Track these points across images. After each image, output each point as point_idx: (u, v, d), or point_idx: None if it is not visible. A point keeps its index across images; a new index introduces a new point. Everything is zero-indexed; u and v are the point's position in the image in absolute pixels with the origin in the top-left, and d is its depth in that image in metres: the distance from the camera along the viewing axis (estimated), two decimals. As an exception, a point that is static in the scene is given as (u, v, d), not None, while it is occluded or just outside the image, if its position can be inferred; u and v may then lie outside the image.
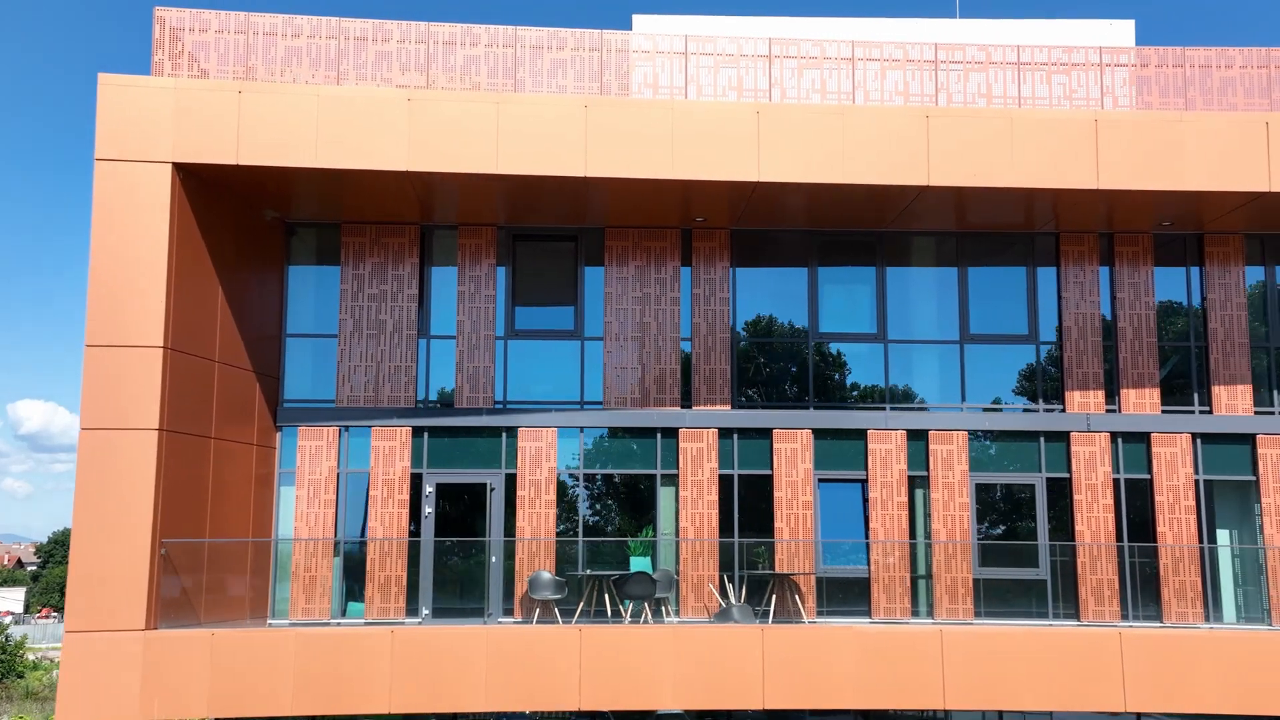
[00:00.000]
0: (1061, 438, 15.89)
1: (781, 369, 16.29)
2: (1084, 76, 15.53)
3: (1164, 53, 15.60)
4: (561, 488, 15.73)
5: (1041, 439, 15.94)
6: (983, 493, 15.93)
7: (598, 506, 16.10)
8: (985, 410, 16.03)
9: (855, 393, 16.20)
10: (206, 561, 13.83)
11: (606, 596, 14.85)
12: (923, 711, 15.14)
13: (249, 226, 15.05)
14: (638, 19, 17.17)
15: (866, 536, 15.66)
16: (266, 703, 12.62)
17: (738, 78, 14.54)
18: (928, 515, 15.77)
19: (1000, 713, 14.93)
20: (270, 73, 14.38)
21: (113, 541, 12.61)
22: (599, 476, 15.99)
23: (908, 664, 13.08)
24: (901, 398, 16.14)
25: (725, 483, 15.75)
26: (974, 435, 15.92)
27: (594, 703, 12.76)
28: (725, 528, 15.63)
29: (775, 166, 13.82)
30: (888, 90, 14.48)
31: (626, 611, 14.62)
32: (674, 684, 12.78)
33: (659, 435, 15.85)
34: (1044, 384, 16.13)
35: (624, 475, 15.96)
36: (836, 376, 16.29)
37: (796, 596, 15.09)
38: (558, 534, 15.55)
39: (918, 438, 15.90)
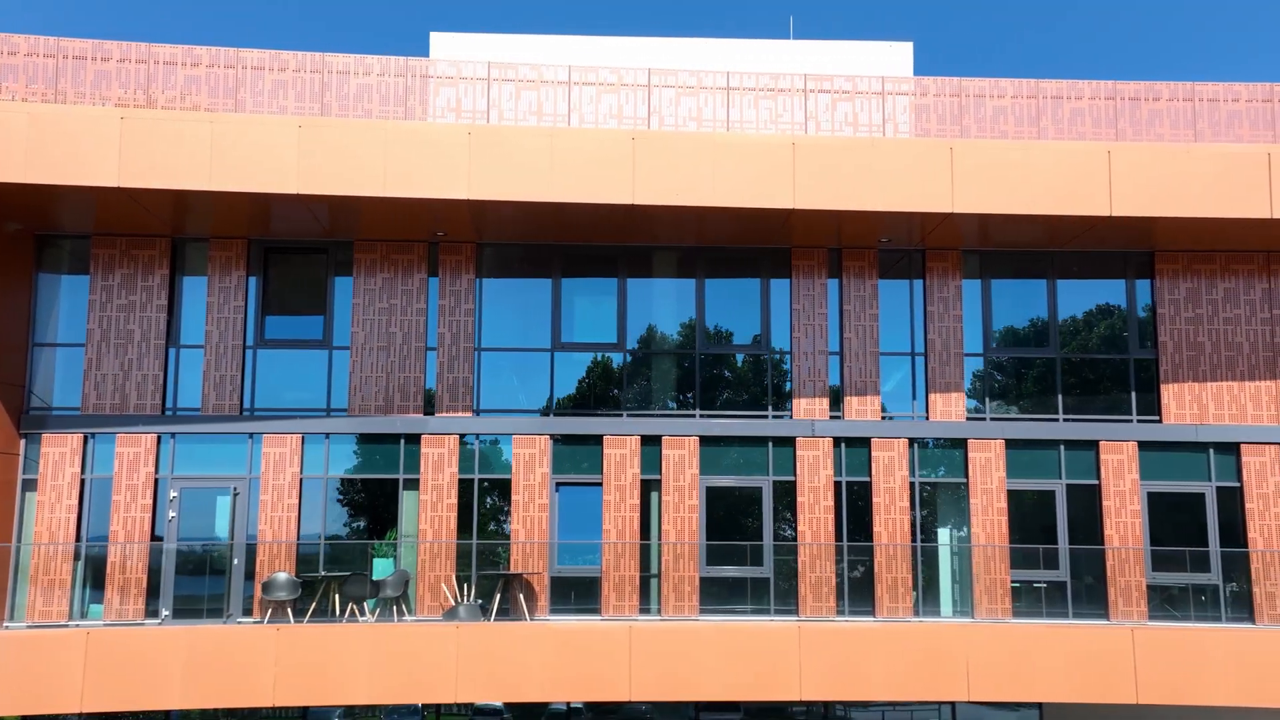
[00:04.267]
0: (788, 443, 16.75)
1: (525, 377, 16.95)
2: (866, 103, 16.39)
3: (929, 82, 16.51)
4: (307, 492, 16.25)
5: (770, 443, 16.78)
6: (713, 495, 16.72)
7: (344, 510, 16.66)
8: (719, 417, 16.82)
9: (595, 399, 16.92)
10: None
11: (336, 596, 15.43)
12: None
13: (-11, 239, 15.42)
14: (436, 37, 17.84)
15: (600, 538, 16.38)
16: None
17: (457, 98, 15.17)
18: (660, 517, 16.53)
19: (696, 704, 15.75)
20: None
21: None
22: (344, 481, 16.56)
23: (594, 658, 13.81)
24: (639, 405, 16.88)
25: (466, 487, 16.39)
26: (705, 440, 16.71)
27: (288, 699, 13.34)
28: (465, 530, 16.28)
29: (485, 186, 14.50)
30: (602, 113, 15.20)
31: (367, 611, 15.21)
32: (369, 681, 13.39)
33: (402, 441, 16.46)
34: (774, 391, 16.97)
35: (368, 479, 16.55)
36: (578, 383, 17.00)
37: (522, 595, 15.77)
38: (304, 537, 16.09)
39: (652, 443, 16.65)
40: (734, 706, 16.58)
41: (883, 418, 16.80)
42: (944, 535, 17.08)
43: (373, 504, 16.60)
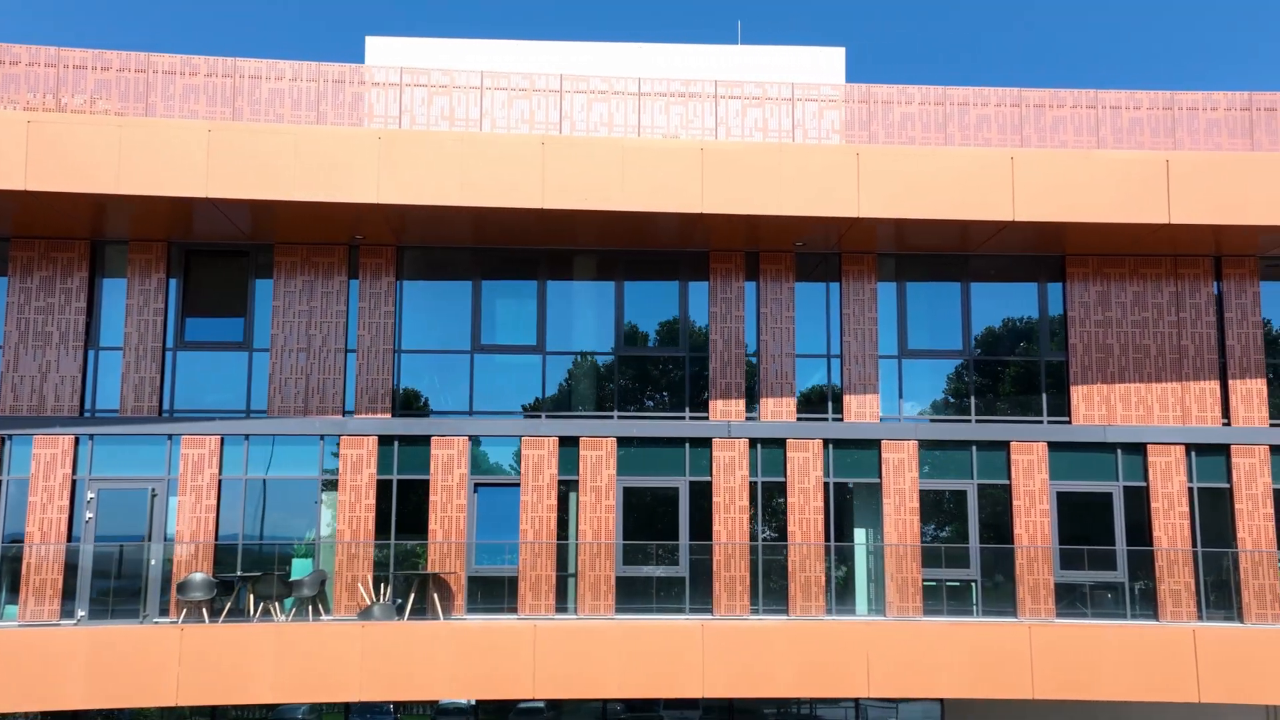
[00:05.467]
0: (705, 444, 16.96)
1: (445, 379, 17.11)
2: (776, 109, 16.62)
3: (838, 89, 16.76)
4: (226, 493, 16.37)
5: (687, 445, 16.99)
6: (630, 495, 16.92)
7: (264, 510, 16.77)
8: (635, 418, 17.01)
9: (514, 401, 17.10)
10: None
11: (250, 596, 15.55)
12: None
13: (-98, 241, 15.48)
14: (371, 41, 17.99)
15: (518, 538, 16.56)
16: None
17: (370, 103, 15.33)
18: (577, 517, 16.72)
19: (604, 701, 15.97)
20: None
21: None
22: (263, 481, 16.68)
23: (500, 656, 13.99)
24: (558, 406, 17.07)
25: (384, 487, 16.54)
26: (623, 441, 16.90)
27: (191, 699, 13.46)
28: (384, 530, 16.43)
29: (395, 191, 14.66)
30: (514, 118, 15.39)
31: (278, 610, 15.33)
32: (273, 680, 13.53)
33: (321, 441, 16.59)
34: (692, 393, 17.19)
35: (288, 479, 16.68)
36: (494, 385, 17.16)
37: (438, 595, 15.92)
38: (224, 538, 16.20)
39: (570, 444, 16.84)
40: (693, 704, 16.83)
41: (798, 419, 17.04)
42: (860, 535, 17.35)
43: (292, 505, 16.72)
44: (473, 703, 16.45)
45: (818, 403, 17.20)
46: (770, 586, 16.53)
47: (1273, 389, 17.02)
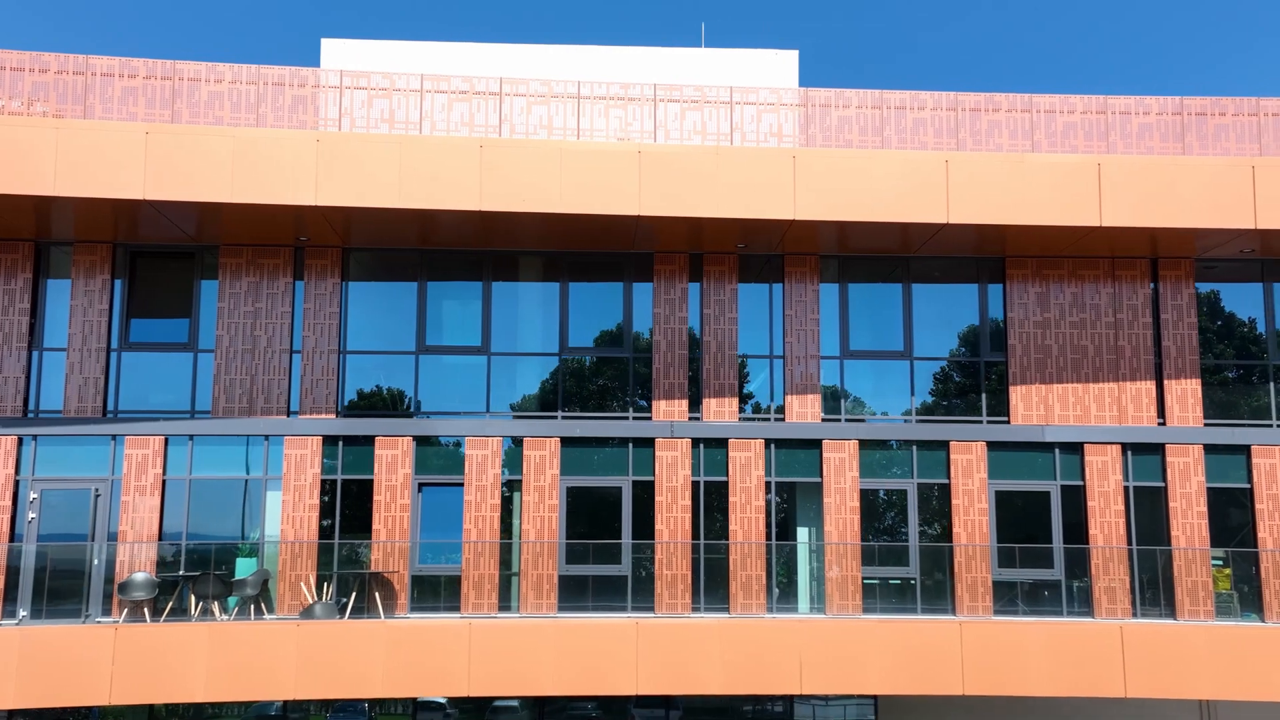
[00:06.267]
0: (649, 444, 17.11)
1: (390, 380, 17.23)
2: (714, 112, 16.78)
3: (776, 93, 16.92)
4: (170, 493, 16.45)
5: (631, 445, 17.14)
6: (574, 495, 17.07)
7: (209, 510, 16.86)
8: (579, 419, 17.15)
9: (459, 402, 17.22)
10: None
11: (191, 596, 15.65)
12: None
13: None
14: (327, 44, 18.08)
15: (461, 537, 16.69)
16: None
17: (311, 106, 15.44)
18: (521, 516, 16.86)
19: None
20: None
21: None
22: (209, 481, 16.77)
23: (435, 655, 14.12)
24: (503, 407, 17.19)
25: (328, 487, 16.66)
26: (566, 441, 17.04)
27: (125, 698, 13.56)
28: (329, 529, 16.54)
29: (333, 193, 14.77)
30: (454, 121, 15.52)
31: (218, 610, 15.43)
32: (206, 679, 13.64)
33: (266, 442, 16.69)
34: (636, 393, 17.34)
35: (232, 479, 16.77)
36: (440, 386, 17.28)
37: (380, 594, 16.05)
38: (168, 537, 16.28)
39: (514, 444, 16.98)
40: (668, 702, 16.98)
41: (740, 419, 17.20)
42: (804, 534, 17.52)
43: (237, 505, 16.81)
44: (444, 700, 16.61)
45: (760, 403, 17.37)
46: (712, 585, 16.70)
47: (1207, 388, 17.25)
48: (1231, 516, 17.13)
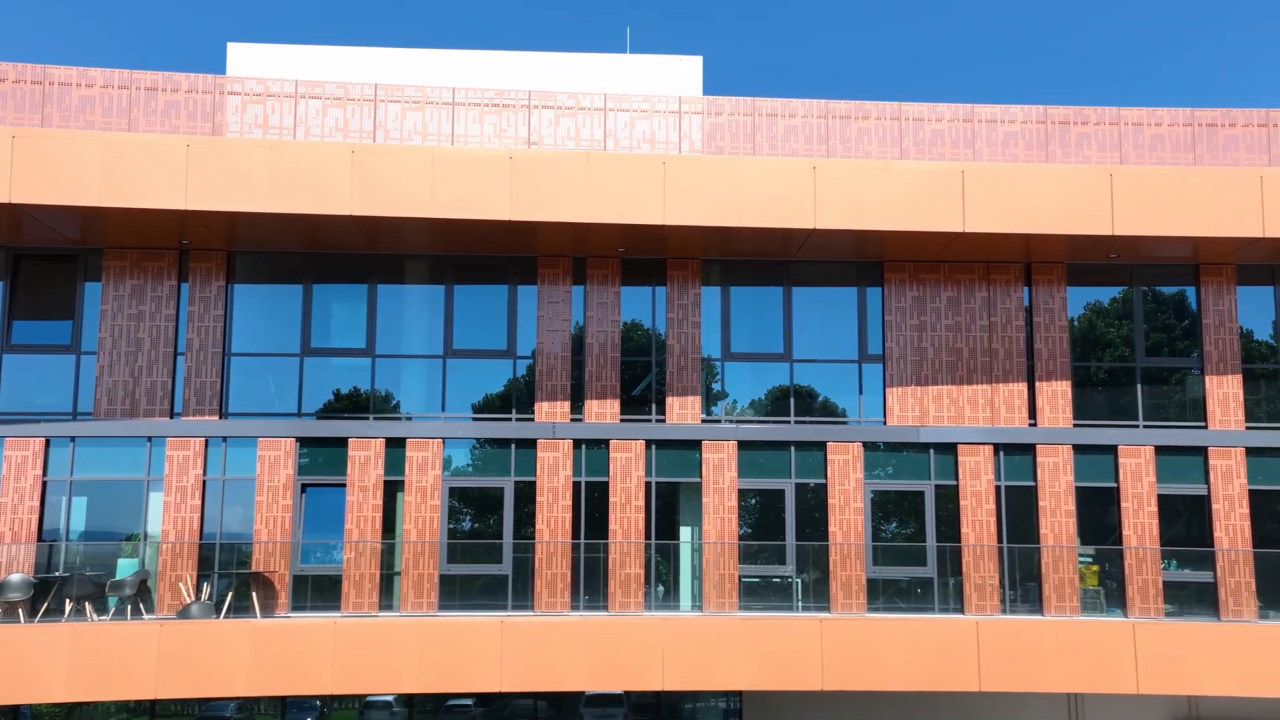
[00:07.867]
0: (531, 445, 17.37)
1: (275, 382, 17.39)
2: (589, 118, 17.05)
3: (649, 99, 17.20)
4: (51, 494, 16.56)
5: (513, 446, 17.38)
6: (457, 495, 17.30)
7: (91, 511, 16.98)
8: (464, 420, 17.37)
9: (342, 404, 17.42)
10: None
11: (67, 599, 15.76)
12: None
13: None
14: (233, 47, 18.21)
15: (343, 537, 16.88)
16: None
17: (183, 110, 15.59)
18: (403, 516, 17.07)
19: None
20: None
21: None
22: (91, 482, 16.89)
23: (295, 654, 14.31)
24: (385, 408, 17.41)
25: (211, 488, 16.80)
26: (449, 442, 17.26)
27: (-15, 696, 13.68)
28: (212, 529, 16.69)
29: (203, 197, 14.94)
30: (328, 126, 15.72)
31: (91, 610, 15.56)
32: (66, 679, 13.78)
33: (149, 443, 16.83)
34: (519, 395, 17.58)
35: (115, 480, 16.89)
36: (327, 388, 17.46)
37: (259, 593, 16.21)
38: (50, 537, 16.39)
39: (397, 445, 17.19)
40: (617, 700, 17.20)
41: (621, 420, 17.47)
42: (686, 533, 17.82)
43: (119, 506, 16.93)
44: (392, 698, 16.80)
45: (641, 404, 17.66)
46: (592, 584, 16.96)
47: (1076, 390, 17.68)
48: (1100, 515, 17.57)
